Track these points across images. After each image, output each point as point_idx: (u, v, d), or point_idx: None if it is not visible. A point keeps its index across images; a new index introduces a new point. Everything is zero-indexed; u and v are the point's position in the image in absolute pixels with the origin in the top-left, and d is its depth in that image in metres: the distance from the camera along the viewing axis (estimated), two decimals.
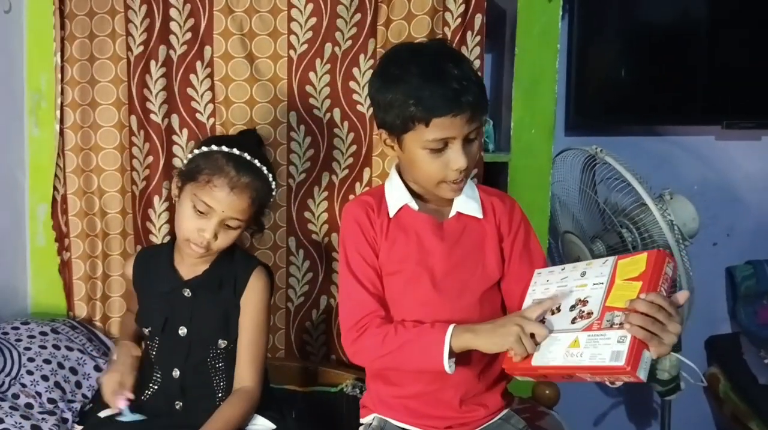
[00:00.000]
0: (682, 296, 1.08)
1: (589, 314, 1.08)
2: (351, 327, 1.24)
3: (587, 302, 1.10)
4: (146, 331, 1.41)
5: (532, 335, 1.11)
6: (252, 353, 1.39)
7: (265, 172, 1.37)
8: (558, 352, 1.07)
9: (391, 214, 1.29)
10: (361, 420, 1.38)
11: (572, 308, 1.11)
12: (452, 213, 1.30)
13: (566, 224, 2.07)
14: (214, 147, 1.35)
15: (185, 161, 1.40)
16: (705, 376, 2.24)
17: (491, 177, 1.89)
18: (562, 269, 1.21)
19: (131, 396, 1.34)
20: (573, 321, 1.09)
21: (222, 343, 1.39)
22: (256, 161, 1.35)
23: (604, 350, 1.02)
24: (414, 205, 1.29)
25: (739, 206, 2.45)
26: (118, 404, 1.33)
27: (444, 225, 1.30)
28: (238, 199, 1.32)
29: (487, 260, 1.31)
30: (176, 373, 1.38)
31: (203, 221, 1.32)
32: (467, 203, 1.31)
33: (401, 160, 1.29)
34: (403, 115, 1.18)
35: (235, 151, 1.34)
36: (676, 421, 2.16)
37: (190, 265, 1.41)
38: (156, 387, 1.41)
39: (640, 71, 2.29)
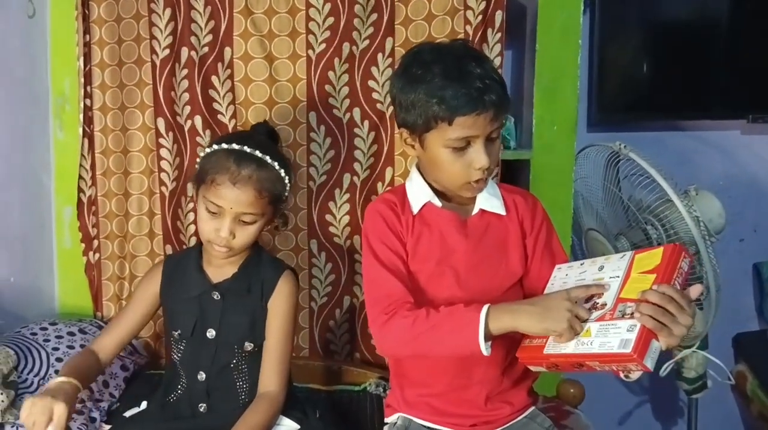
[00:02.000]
0: (695, 290, 1.09)
1: (603, 305, 1.10)
2: (379, 312, 1.21)
3: (602, 294, 1.12)
4: (175, 334, 1.42)
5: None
6: (278, 358, 1.39)
7: (269, 161, 1.34)
8: (570, 341, 1.09)
9: (415, 211, 1.29)
10: (386, 420, 1.38)
11: (587, 300, 1.12)
12: (475, 210, 1.30)
13: (590, 221, 2.06)
14: (215, 146, 1.35)
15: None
16: (732, 374, 2.21)
17: (513, 175, 1.88)
18: (581, 264, 1.22)
19: None
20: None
21: (249, 346, 1.40)
22: (257, 152, 1.33)
23: (614, 339, 1.04)
24: (437, 202, 1.29)
25: (766, 202, 2.41)
26: None
27: (467, 222, 1.30)
28: (243, 193, 1.31)
29: (511, 257, 1.30)
30: (202, 376, 1.39)
31: (217, 221, 1.32)
32: (489, 201, 1.30)
33: (422, 160, 1.29)
34: (426, 115, 1.18)
35: (234, 146, 1.33)
36: (703, 419, 2.14)
37: (218, 267, 1.41)
38: (181, 391, 1.42)
39: (663, 66, 2.26)
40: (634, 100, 2.29)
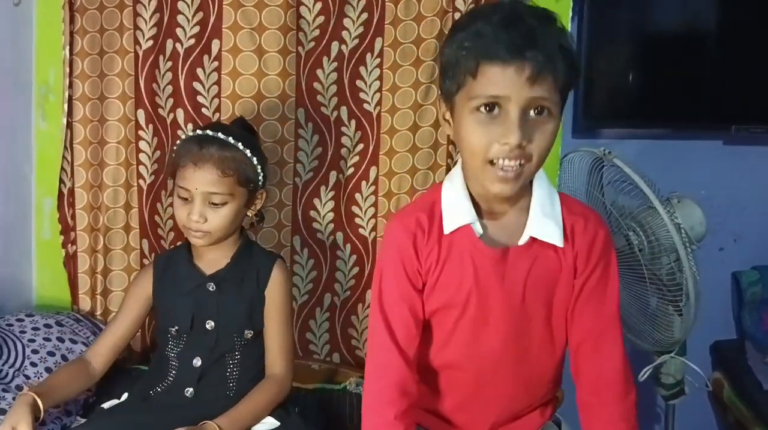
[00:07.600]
0: None
1: None
2: (371, 390, 1.10)
3: None
4: (173, 330, 1.42)
5: None
6: (281, 342, 1.43)
7: (232, 141, 1.37)
8: None
9: (446, 230, 1.05)
10: None
11: None
12: (523, 239, 1.04)
13: None
14: (183, 136, 1.44)
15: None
16: (710, 381, 2.23)
17: None
18: None
19: None
20: None
21: (248, 333, 1.42)
22: (219, 134, 1.37)
23: None
24: (479, 228, 1.04)
25: (747, 212, 2.44)
26: None
27: (510, 255, 1.04)
28: (206, 172, 1.34)
29: (555, 316, 1.07)
30: (197, 362, 1.40)
31: (189, 206, 1.35)
32: (544, 226, 1.03)
33: (455, 141, 1.07)
34: (455, 69, 0.96)
35: (198, 132, 1.39)
36: (680, 426, 2.15)
37: (210, 260, 1.44)
38: (169, 381, 1.41)
39: (649, 74, 2.28)
40: (620, 107, 2.31)
